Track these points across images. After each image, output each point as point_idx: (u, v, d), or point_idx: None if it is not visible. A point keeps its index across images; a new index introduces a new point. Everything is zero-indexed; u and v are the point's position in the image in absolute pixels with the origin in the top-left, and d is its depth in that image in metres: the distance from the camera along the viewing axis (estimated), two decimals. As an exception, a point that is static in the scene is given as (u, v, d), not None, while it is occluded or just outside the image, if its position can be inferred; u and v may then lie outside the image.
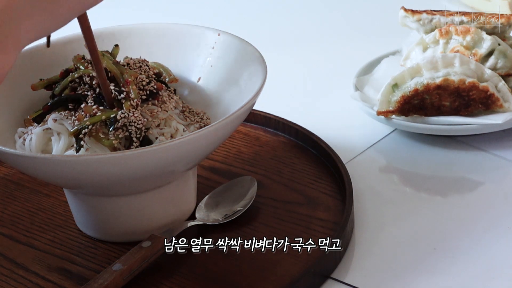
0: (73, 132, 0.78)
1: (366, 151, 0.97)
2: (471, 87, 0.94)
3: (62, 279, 0.79)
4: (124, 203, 0.80)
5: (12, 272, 0.80)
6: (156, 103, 0.82)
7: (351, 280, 0.77)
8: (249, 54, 0.85)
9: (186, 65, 0.90)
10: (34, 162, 0.74)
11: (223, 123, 0.75)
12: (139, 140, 0.78)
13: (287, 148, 0.96)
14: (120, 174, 0.73)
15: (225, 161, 0.94)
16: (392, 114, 0.96)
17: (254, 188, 0.86)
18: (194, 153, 0.77)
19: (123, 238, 0.82)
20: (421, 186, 0.92)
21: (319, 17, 1.39)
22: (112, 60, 0.82)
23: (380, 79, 1.03)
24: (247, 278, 0.77)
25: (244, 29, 1.06)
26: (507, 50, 0.98)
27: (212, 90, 0.88)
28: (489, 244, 0.80)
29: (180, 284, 0.77)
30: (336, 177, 0.89)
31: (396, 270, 0.78)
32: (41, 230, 0.86)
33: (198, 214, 0.84)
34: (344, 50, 1.24)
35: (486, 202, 0.88)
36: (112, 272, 0.74)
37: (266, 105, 0.99)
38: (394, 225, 0.84)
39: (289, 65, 1.22)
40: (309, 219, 0.84)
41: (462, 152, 0.96)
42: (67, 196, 0.84)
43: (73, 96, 0.81)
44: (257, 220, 0.84)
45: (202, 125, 0.83)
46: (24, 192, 0.92)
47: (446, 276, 0.76)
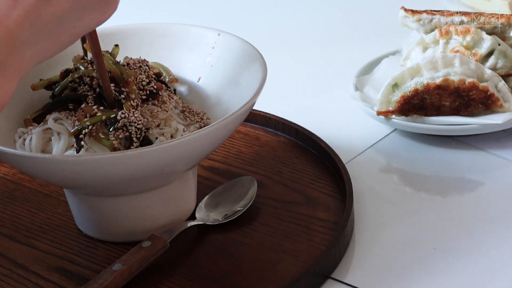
0: (73, 132, 0.78)
1: (366, 151, 0.97)
2: (471, 87, 0.94)
3: (62, 279, 0.79)
4: (124, 203, 0.80)
5: (12, 272, 0.80)
6: (156, 103, 0.82)
7: (351, 280, 0.77)
8: (249, 54, 0.85)
9: (186, 65, 0.90)
10: (34, 162, 0.74)
11: (223, 123, 0.75)
12: (139, 140, 0.78)
13: (287, 148, 0.96)
14: (120, 174, 0.73)
15: (225, 161, 0.94)
16: (392, 114, 0.96)
17: (254, 188, 0.86)
18: (194, 153, 0.77)
19: (123, 238, 0.82)
20: (421, 186, 0.92)
21: (319, 17, 1.39)
22: (112, 60, 0.82)
23: (380, 79, 1.03)
24: (247, 278, 0.77)
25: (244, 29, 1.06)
26: (507, 50, 0.98)
27: (212, 90, 0.88)
28: (489, 244, 0.80)
29: (180, 284, 0.77)
30: (336, 177, 0.89)
31: (396, 270, 0.78)
32: (41, 230, 0.86)
33: (198, 214, 0.84)
34: (344, 50, 1.24)
35: (486, 202, 0.88)
36: (112, 272, 0.74)
37: (266, 105, 0.99)
38: (394, 225, 0.84)
39: (289, 65, 1.22)
40: (309, 219, 0.84)
41: (462, 152, 0.96)
42: (67, 196, 0.84)
43: (73, 96, 0.81)
44: (257, 220, 0.84)
45: (202, 125, 0.83)
46: (24, 192, 0.92)
47: (446, 276, 0.76)
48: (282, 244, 0.80)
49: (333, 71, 1.18)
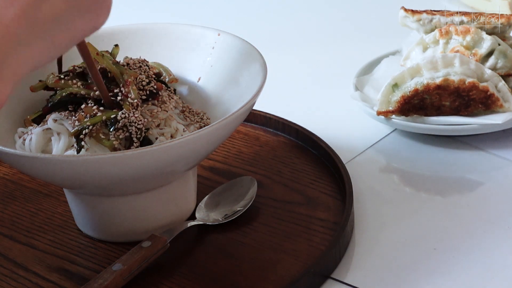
0: (73, 133, 0.78)
1: (366, 151, 0.97)
2: (471, 87, 0.94)
3: (62, 279, 0.79)
4: (124, 203, 0.80)
5: (12, 272, 0.80)
6: (156, 103, 0.82)
7: (351, 280, 0.77)
8: (249, 54, 0.85)
9: (186, 65, 0.90)
10: (34, 162, 0.74)
11: (223, 123, 0.75)
12: (139, 140, 0.78)
13: (287, 148, 0.96)
14: (120, 174, 0.73)
15: (225, 161, 0.94)
16: (392, 114, 0.96)
17: (254, 188, 0.86)
18: (194, 153, 0.77)
19: (123, 238, 0.82)
20: (421, 186, 0.92)
21: (319, 17, 1.39)
22: (112, 60, 0.82)
23: (380, 79, 1.03)
24: (247, 278, 0.77)
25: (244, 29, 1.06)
26: (507, 50, 0.98)
27: (212, 90, 0.88)
28: (489, 244, 0.80)
29: (180, 284, 0.77)
30: (336, 177, 0.89)
31: (396, 270, 0.78)
32: (41, 230, 0.86)
33: (198, 214, 0.84)
34: (344, 50, 1.24)
35: (486, 202, 0.88)
36: (112, 272, 0.74)
37: (266, 105, 0.99)
38: (394, 225, 0.84)
39: (289, 65, 1.22)
40: (309, 219, 0.84)
41: (462, 152, 0.96)
42: (67, 196, 0.84)
43: (73, 98, 0.81)
44: (257, 220, 0.84)
45: (202, 125, 0.83)
46: (24, 192, 0.92)
47: (446, 276, 0.76)
48: (282, 244, 0.80)
49: (333, 71, 1.18)
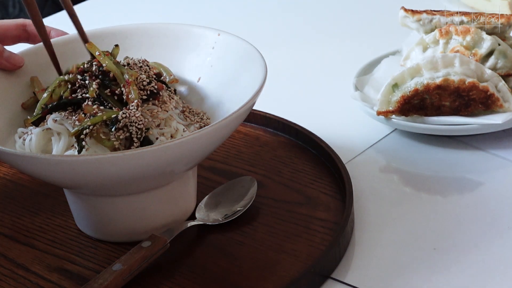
0: (74, 133, 0.78)
1: (366, 151, 0.97)
2: (471, 87, 0.94)
3: (62, 279, 0.79)
4: (124, 203, 0.80)
5: (12, 272, 0.80)
6: (156, 103, 0.82)
7: (351, 280, 0.77)
8: (249, 54, 0.85)
9: (186, 65, 0.90)
10: (34, 162, 0.74)
11: (223, 123, 0.75)
12: (140, 140, 0.78)
13: (287, 148, 0.96)
14: (120, 174, 0.73)
15: (225, 161, 0.94)
16: (392, 114, 0.96)
17: (254, 188, 0.86)
18: (194, 153, 0.77)
19: (123, 238, 0.82)
20: (421, 186, 0.92)
21: (319, 17, 1.39)
22: (113, 60, 0.82)
23: (380, 79, 1.03)
24: (247, 278, 0.77)
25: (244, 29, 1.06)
26: (507, 50, 0.98)
27: (212, 90, 0.88)
28: (489, 244, 0.80)
29: (180, 284, 0.77)
30: (336, 177, 0.89)
31: (396, 270, 0.78)
32: (41, 230, 0.86)
33: (198, 214, 0.84)
34: (344, 50, 1.24)
35: (486, 202, 0.88)
36: (112, 272, 0.74)
37: (266, 105, 0.99)
38: (394, 225, 0.84)
39: (289, 65, 1.21)
40: (309, 219, 0.84)
41: (462, 152, 0.96)
42: (67, 196, 0.84)
43: (72, 100, 0.81)
44: (257, 220, 0.84)
45: (202, 125, 0.83)
46: (24, 192, 0.92)
47: (446, 276, 0.76)
48: (282, 244, 0.80)
49: (333, 71, 1.18)
